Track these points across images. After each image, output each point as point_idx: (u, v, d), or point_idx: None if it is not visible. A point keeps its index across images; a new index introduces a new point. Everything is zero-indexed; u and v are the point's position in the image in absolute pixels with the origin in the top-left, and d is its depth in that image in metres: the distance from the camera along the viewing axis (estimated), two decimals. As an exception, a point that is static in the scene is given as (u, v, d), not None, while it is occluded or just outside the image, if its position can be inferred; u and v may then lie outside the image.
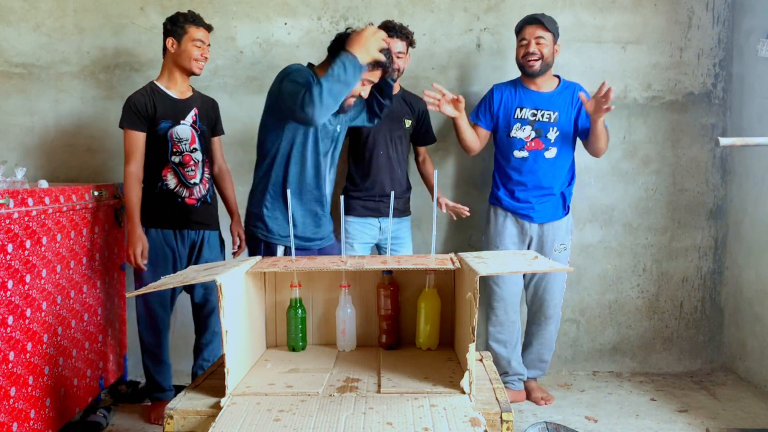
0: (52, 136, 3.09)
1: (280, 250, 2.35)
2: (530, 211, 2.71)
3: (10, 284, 2.03)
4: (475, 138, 2.77)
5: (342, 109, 2.23)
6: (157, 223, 2.59)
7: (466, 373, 1.50)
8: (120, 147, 3.07)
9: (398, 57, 2.60)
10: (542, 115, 2.68)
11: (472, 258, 1.73)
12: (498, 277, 2.73)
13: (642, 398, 2.86)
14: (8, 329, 2.02)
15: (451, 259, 1.84)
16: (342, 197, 2.03)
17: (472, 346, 1.49)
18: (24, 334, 2.11)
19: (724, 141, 2.02)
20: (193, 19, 2.56)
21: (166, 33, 2.58)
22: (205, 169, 2.66)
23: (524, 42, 2.64)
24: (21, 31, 3.05)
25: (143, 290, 1.57)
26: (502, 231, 2.76)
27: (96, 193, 2.64)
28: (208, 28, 2.61)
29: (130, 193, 2.52)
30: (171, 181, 2.58)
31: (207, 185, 2.67)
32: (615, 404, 2.79)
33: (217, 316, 2.66)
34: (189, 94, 2.64)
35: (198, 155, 2.61)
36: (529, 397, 2.82)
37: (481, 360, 1.86)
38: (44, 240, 2.24)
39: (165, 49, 2.58)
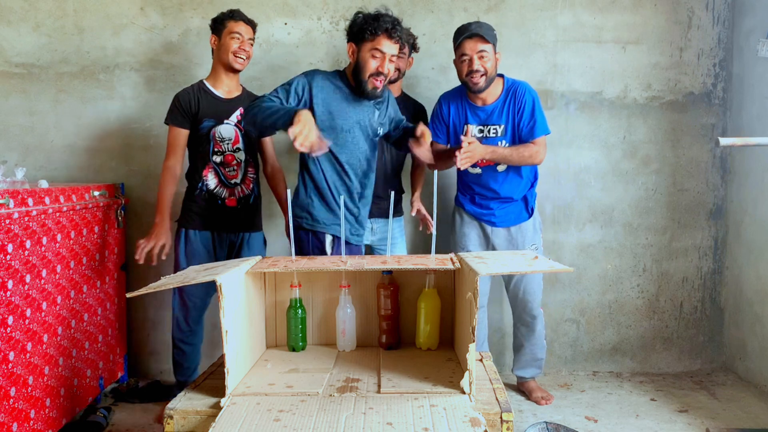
0: (52, 136, 3.09)
1: (329, 239, 2.31)
2: (491, 216, 2.71)
3: (10, 284, 2.03)
4: (449, 163, 2.63)
5: (373, 94, 2.29)
6: (195, 225, 2.59)
7: (466, 373, 1.50)
8: (120, 147, 3.10)
9: (399, 57, 2.55)
10: (489, 131, 2.62)
11: (472, 258, 1.73)
12: None
13: (642, 398, 2.86)
14: (8, 329, 2.02)
15: (451, 259, 1.84)
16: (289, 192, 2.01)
17: (472, 346, 1.49)
18: (24, 334, 2.11)
19: (724, 141, 2.02)
20: (231, 14, 2.58)
21: (211, 31, 2.61)
22: (249, 170, 2.65)
23: (465, 58, 2.51)
24: (21, 31, 3.05)
25: (143, 290, 1.57)
26: (468, 233, 2.76)
27: (96, 193, 2.64)
28: (249, 23, 2.60)
29: (164, 187, 2.55)
30: (211, 181, 2.59)
31: (251, 185, 2.66)
32: (615, 404, 2.79)
33: None
34: (237, 93, 2.64)
35: (241, 155, 2.61)
36: (529, 397, 2.81)
37: (481, 360, 1.86)
38: (44, 240, 2.24)
39: (212, 48, 2.62)
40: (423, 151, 2.33)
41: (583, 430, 2.51)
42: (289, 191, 2.00)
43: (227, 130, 2.58)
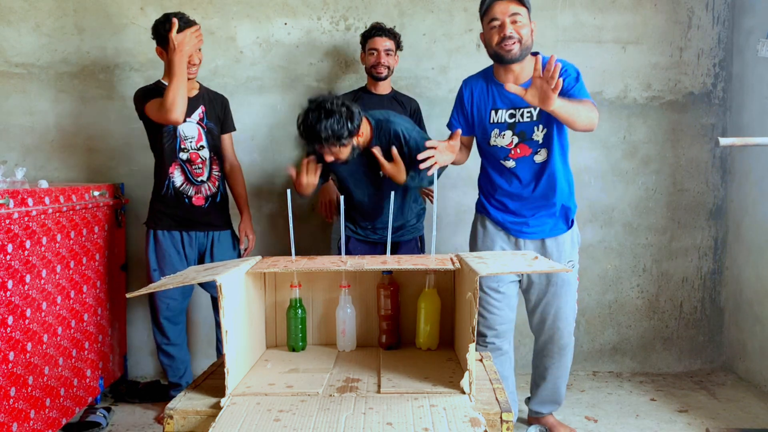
0: (52, 136, 3.09)
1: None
2: (524, 227, 2.28)
3: (10, 284, 2.03)
4: (463, 155, 2.38)
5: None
6: (163, 226, 2.59)
7: (466, 373, 1.50)
8: (120, 147, 3.10)
9: (387, 54, 2.74)
10: (522, 115, 2.17)
11: (472, 258, 1.73)
12: (488, 302, 2.32)
13: (642, 398, 2.86)
14: (8, 329, 2.02)
15: (451, 259, 1.84)
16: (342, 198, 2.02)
17: (472, 346, 1.49)
18: (24, 334, 2.11)
19: (724, 141, 2.01)
20: (169, 26, 2.35)
21: (156, 42, 2.46)
22: (214, 167, 2.64)
23: (495, 23, 2.09)
24: (21, 31, 3.05)
25: (143, 290, 1.57)
26: (491, 246, 2.33)
27: (96, 193, 2.64)
28: (190, 26, 2.39)
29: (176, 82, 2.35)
30: (178, 179, 2.58)
31: (217, 183, 2.65)
32: (615, 404, 2.79)
33: None
34: (195, 92, 2.63)
35: (205, 153, 2.61)
36: None
37: (481, 360, 1.86)
38: (44, 240, 2.24)
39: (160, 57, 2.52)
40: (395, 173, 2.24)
41: (583, 430, 2.51)
42: (289, 191, 2.00)
43: (190, 128, 2.57)
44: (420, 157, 2.12)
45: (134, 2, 3.05)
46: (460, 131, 2.26)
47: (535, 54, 2.14)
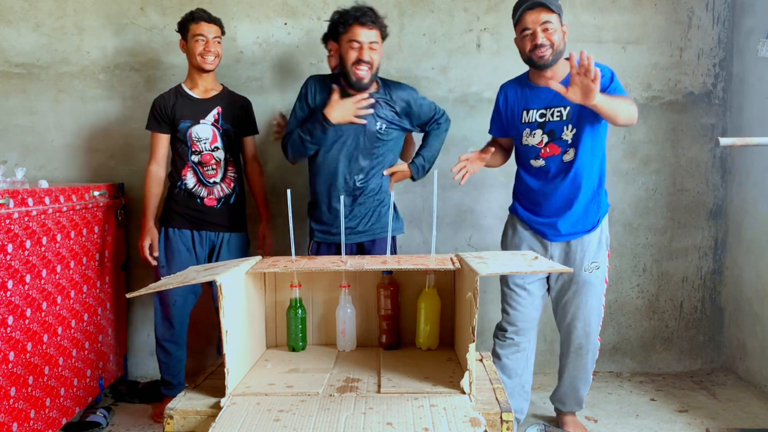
0: (52, 136, 3.09)
1: (314, 245, 2.50)
2: (550, 227, 2.32)
3: (10, 284, 2.03)
4: (499, 158, 2.49)
5: (360, 85, 2.35)
6: (174, 224, 2.61)
7: (467, 373, 1.50)
8: (120, 147, 3.10)
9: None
10: (552, 114, 2.25)
11: (472, 258, 1.73)
12: (513, 298, 2.39)
13: (642, 398, 2.86)
14: (8, 329, 2.02)
15: (451, 259, 1.84)
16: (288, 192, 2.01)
17: (472, 346, 1.49)
18: (24, 334, 2.11)
19: (724, 141, 2.01)
20: (192, 16, 2.58)
21: (180, 35, 2.63)
22: (229, 168, 2.65)
23: (527, 32, 2.19)
24: (21, 31, 3.05)
25: (144, 290, 1.57)
26: (519, 245, 2.38)
27: (96, 193, 2.64)
28: (213, 21, 2.60)
29: (147, 189, 2.62)
30: (190, 181, 2.60)
31: (232, 185, 2.66)
32: (615, 404, 2.79)
33: None
34: (214, 92, 2.66)
35: (220, 154, 2.61)
36: (563, 428, 2.54)
37: (481, 360, 1.86)
38: (44, 240, 2.24)
39: (184, 53, 2.65)
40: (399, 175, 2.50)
41: (583, 430, 2.51)
42: (288, 191, 2.00)
43: (204, 129, 2.60)
44: (453, 169, 2.32)
45: (134, 2, 3.05)
46: (492, 149, 2.37)
47: (568, 59, 2.17)
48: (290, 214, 1.93)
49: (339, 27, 2.35)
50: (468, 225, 3.15)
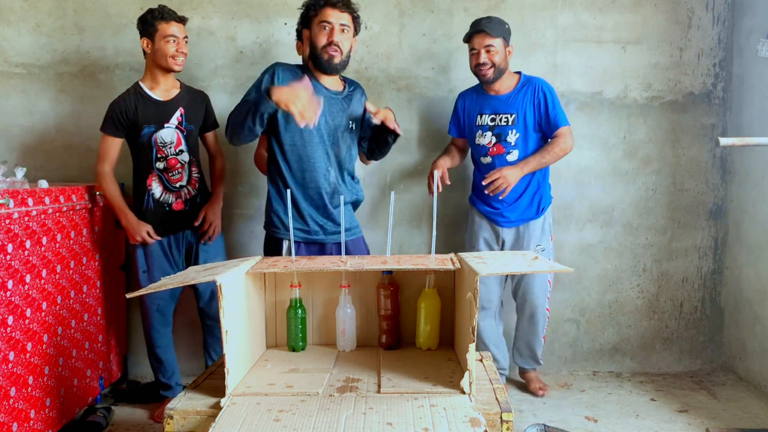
0: (52, 136, 3.09)
1: (286, 244, 2.34)
2: (499, 216, 2.74)
3: (10, 284, 2.03)
4: (455, 158, 2.87)
5: (331, 66, 2.28)
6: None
7: (466, 373, 1.50)
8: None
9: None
10: (500, 119, 2.69)
11: (472, 258, 1.73)
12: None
13: (642, 398, 2.86)
14: (8, 329, 2.02)
15: (451, 259, 1.84)
16: (288, 192, 1.99)
17: (472, 346, 1.49)
18: (24, 334, 2.11)
19: (724, 141, 2.02)
20: (161, 14, 2.46)
21: (140, 33, 2.53)
22: (193, 170, 2.63)
23: (474, 52, 2.65)
24: (21, 31, 3.05)
25: (144, 291, 1.57)
26: (478, 232, 2.80)
27: (96, 193, 2.64)
28: (181, 20, 2.52)
29: (108, 189, 2.55)
30: (156, 190, 2.57)
31: (197, 185, 2.64)
32: (615, 404, 2.79)
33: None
34: (175, 92, 2.60)
35: (185, 156, 2.59)
36: (528, 387, 2.91)
37: (481, 360, 1.86)
38: (44, 240, 2.24)
39: (144, 51, 2.55)
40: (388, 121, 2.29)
41: (582, 430, 2.51)
42: (289, 191, 2.01)
43: (168, 133, 2.54)
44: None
45: (134, 2, 3.05)
46: (445, 168, 2.76)
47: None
48: (290, 214, 1.93)
49: (310, 11, 2.29)
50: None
